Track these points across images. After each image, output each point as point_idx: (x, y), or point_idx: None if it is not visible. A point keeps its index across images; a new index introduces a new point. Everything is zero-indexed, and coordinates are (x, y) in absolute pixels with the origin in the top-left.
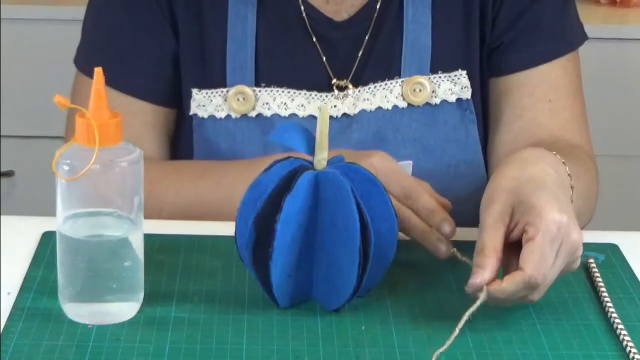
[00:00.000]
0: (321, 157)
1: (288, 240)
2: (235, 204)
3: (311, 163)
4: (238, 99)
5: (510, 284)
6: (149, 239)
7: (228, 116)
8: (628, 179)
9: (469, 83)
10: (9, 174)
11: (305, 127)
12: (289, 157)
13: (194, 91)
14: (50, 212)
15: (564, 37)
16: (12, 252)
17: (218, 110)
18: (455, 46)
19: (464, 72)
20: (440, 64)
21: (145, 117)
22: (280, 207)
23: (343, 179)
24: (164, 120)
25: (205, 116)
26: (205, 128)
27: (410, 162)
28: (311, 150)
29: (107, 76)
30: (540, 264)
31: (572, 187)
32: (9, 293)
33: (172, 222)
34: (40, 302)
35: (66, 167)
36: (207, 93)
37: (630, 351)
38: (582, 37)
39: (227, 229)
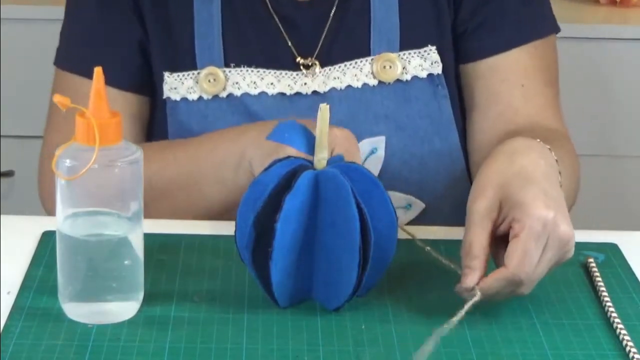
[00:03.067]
0: (321, 157)
1: (288, 239)
2: (213, 173)
3: (311, 162)
4: (209, 80)
5: (494, 281)
6: (149, 238)
7: (200, 98)
8: (628, 179)
9: (439, 58)
10: (9, 174)
11: (303, 125)
12: (289, 157)
13: (166, 74)
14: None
15: (531, 25)
16: (12, 251)
17: (190, 92)
18: (424, 22)
19: (434, 48)
20: (409, 41)
21: (116, 104)
22: (280, 207)
23: (343, 178)
24: (136, 107)
25: (178, 99)
26: (178, 111)
27: (383, 137)
28: (311, 149)
29: (80, 66)
30: (523, 261)
31: (560, 173)
32: (9, 293)
33: (172, 221)
34: (40, 302)
35: (66, 167)
36: (178, 76)
37: (630, 351)
38: (551, 28)
39: (227, 228)
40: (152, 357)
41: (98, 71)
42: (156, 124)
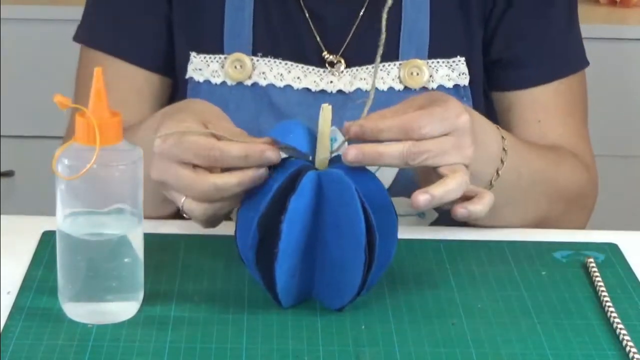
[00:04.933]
0: (323, 157)
1: (293, 241)
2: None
3: (312, 163)
4: (235, 67)
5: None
6: (149, 238)
7: (223, 82)
8: (628, 179)
9: (467, 70)
10: (9, 174)
11: (306, 125)
12: (290, 158)
13: (192, 54)
14: (50, 211)
15: (560, 63)
16: (12, 251)
17: (214, 76)
18: (454, 33)
19: (463, 59)
20: (438, 50)
21: (134, 81)
22: (285, 208)
23: (348, 179)
24: (154, 88)
25: (201, 80)
26: (199, 92)
27: None
28: (313, 149)
29: (101, 41)
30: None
31: (502, 160)
32: (9, 292)
33: (172, 221)
34: (40, 302)
35: (66, 167)
36: (204, 57)
37: (630, 351)
38: (578, 65)
39: (227, 229)
40: (152, 357)
41: (98, 72)
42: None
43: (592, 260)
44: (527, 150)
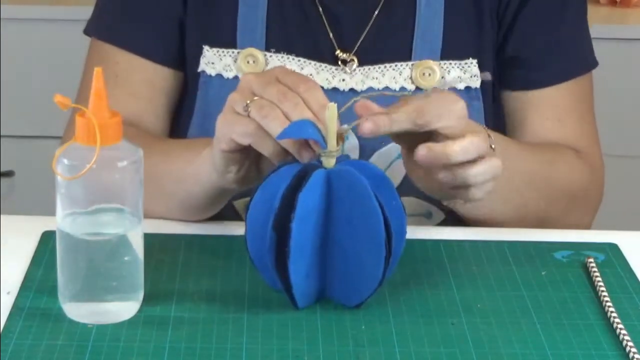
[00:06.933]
0: (330, 156)
1: (305, 238)
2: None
3: (319, 162)
4: (248, 62)
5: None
6: (149, 238)
7: (236, 77)
8: (628, 179)
9: (479, 72)
10: (9, 174)
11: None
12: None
13: (205, 48)
14: (50, 211)
15: (575, 62)
16: (12, 251)
17: (226, 70)
18: (467, 35)
19: (475, 61)
20: (451, 51)
21: (145, 74)
22: (294, 206)
23: (360, 176)
24: (165, 81)
25: (213, 74)
26: (211, 86)
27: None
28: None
29: (113, 34)
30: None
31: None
32: (8, 293)
33: (172, 222)
34: (40, 302)
35: (66, 167)
36: (217, 51)
37: (630, 351)
38: (591, 65)
39: (227, 229)
40: (152, 358)
41: (98, 72)
42: (185, 101)
43: (592, 260)
44: (517, 149)
